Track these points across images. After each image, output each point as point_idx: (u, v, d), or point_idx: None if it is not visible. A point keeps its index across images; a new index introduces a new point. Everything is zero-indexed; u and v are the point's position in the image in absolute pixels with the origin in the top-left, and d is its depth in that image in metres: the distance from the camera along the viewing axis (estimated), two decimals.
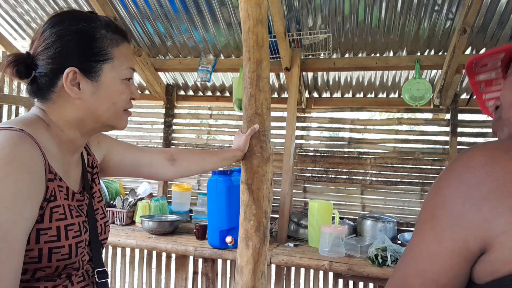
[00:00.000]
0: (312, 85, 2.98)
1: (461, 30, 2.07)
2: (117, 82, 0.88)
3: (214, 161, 1.42)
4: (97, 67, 0.85)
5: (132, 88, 0.93)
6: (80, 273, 0.87)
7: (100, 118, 0.89)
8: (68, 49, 0.83)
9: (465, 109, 2.74)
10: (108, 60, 0.87)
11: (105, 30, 0.87)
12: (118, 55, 0.89)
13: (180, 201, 2.98)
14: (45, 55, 0.83)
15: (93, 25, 0.86)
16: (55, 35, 0.83)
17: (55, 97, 0.85)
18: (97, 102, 0.87)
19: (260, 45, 1.40)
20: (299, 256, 2.20)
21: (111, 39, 0.88)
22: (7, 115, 2.98)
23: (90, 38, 0.85)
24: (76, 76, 0.83)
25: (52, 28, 0.84)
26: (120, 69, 0.89)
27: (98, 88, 0.86)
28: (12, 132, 0.74)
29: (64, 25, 0.83)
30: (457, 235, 0.52)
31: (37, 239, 0.76)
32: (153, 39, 2.85)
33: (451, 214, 0.53)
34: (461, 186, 0.53)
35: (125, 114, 0.94)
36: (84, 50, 0.84)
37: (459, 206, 0.52)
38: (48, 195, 0.78)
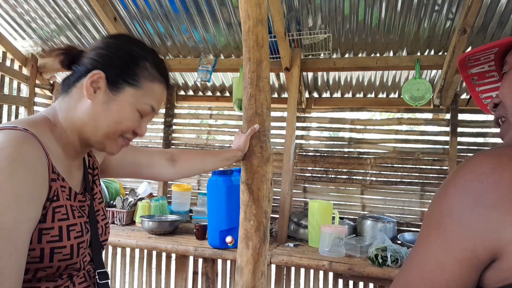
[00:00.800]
0: (312, 85, 2.98)
1: (461, 30, 2.07)
2: (130, 108, 0.88)
3: (214, 161, 1.42)
4: (122, 84, 0.87)
5: (142, 124, 0.93)
6: (81, 274, 0.88)
7: (98, 131, 0.88)
8: (107, 58, 0.88)
9: (465, 109, 2.74)
10: (135, 86, 0.88)
11: (150, 64, 0.91)
12: (147, 89, 0.90)
13: (180, 201, 2.98)
14: (89, 55, 0.89)
15: (142, 54, 0.91)
16: (105, 44, 0.90)
17: (74, 91, 0.89)
18: (103, 112, 0.87)
19: (260, 45, 1.40)
20: (299, 256, 2.20)
21: (150, 73, 0.91)
22: (7, 115, 2.98)
23: (132, 61, 0.89)
24: (99, 81, 0.86)
25: (107, 39, 0.92)
26: (141, 100, 0.89)
27: (111, 102, 0.87)
28: (16, 132, 0.75)
29: (118, 40, 0.91)
30: (466, 244, 0.51)
31: (39, 239, 0.76)
32: (153, 39, 2.85)
33: (459, 223, 0.52)
34: (468, 194, 0.52)
35: (121, 140, 0.92)
36: (120, 66, 0.88)
37: (467, 215, 0.51)
38: (51, 195, 0.78)
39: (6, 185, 0.68)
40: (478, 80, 0.79)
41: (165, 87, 0.94)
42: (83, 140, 0.89)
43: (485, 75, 0.78)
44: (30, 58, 3.11)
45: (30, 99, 3.13)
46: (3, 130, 0.74)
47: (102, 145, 0.90)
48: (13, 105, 3.02)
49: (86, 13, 2.70)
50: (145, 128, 0.94)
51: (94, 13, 2.63)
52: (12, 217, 0.68)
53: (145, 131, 0.94)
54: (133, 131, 0.92)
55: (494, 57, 0.72)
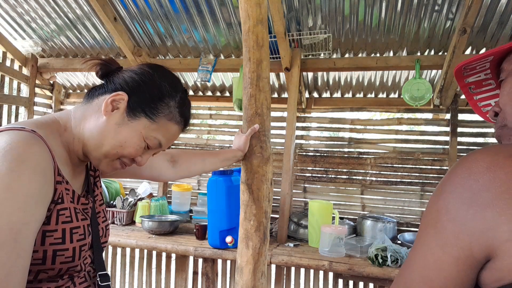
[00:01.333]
0: (312, 85, 2.98)
1: (461, 30, 2.08)
2: (138, 137, 0.90)
3: (214, 162, 1.42)
4: (140, 113, 0.89)
5: (144, 155, 0.94)
6: (82, 275, 0.88)
7: (101, 148, 0.88)
8: (137, 84, 0.90)
9: (465, 109, 2.74)
10: (151, 119, 0.90)
11: (175, 104, 0.93)
12: (162, 125, 0.92)
13: (180, 201, 2.98)
14: (124, 75, 0.92)
15: (171, 92, 0.94)
16: (142, 71, 0.93)
17: (94, 103, 0.90)
18: (112, 132, 0.88)
19: (260, 45, 1.40)
20: (299, 256, 2.20)
21: (171, 112, 0.93)
22: (7, 115, 2.98)
23: (158, 96, 0.91)
24: (120, 102, 0.88)
25: (146, 67, 0.94)
26: (151, 133, 0.91)
27: (123, 125, 0.88)
28: (25, 133, 0.75)
29: (154, 71, 0.93)
30: (462, 242, 0.51)
31: (43, 241, 0.76)
32: (153, 39, 2.85)
33: (455, 220, 0.52)
34: (464, 192, 0.52)
35: (118, 163, 0.92)
36: (145, 96, 0.90)
37: (463, 212, 0.51)
38: (55, 197, 0.78)
39: (16, 186, 0.68)
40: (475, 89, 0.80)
41: (181, 128, 0.97)
42: (85, 152, 0.90)
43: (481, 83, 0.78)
44: (30, 58, 3.11)
45: (30, 99, 3.13)
46: (11, 131, 0.75)
47: (98, 162, 0.91)
48: (13, 105, 3.02)
49: (86, 13, 2.70)
50: (146, 160, 0.95)
51: (94, 13, 2.63)
52: (21, 218, 0.68)
53: (145, 162, 0.95)
54: (133, 159, 0.93)
55: (489, 65, 0.72)
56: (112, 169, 0.93)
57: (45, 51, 3.18)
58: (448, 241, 0.52)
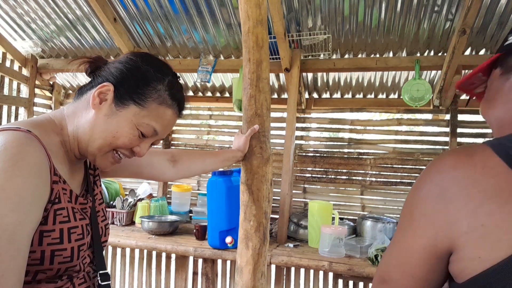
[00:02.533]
0: (312, 85, 2.98)
1: (460, 31, 2.08)
2: (130, 125, 0.88)
3: (214, 162, 1.42)
4: (127, 101, 0.88)
5: (142, 144, 0.91)
6: (81, 275, 0.88)
7: (94, 142, 0.87)
8: (122, 73, 0.89)
9: (464, 109, 2.74)
10: (139, 105, 0.88)
11: (163, 87, 0.91)
12: (152, 110, 0.89)
13: (180, 201, 2.98)
14: (109, 67, 0.91)
15: (156, 76, 0.91)
16: (126, 59, 0.91)
17: (83, 99, 0.90)
18: (103, 124, 0.87)
19: (260, 46, 1.40)
20: (299, 256, 2.20)
21: (160, 95, 0.90)
22: (7, 115, 2.98)
23: (143, 80, 0.89)
24: (107, 94, 0.87)
25: (131, 55, 0.93)
26: (142, 120, 0.88)
27: (112, 116, 0.87)
28: (19, 133, 0.75)
29: (137, 58, 0.91)
30: (428, 232, 0.57)
31: (40, 241, 0.76)
32: (153, 39, 2.85)
33: (425, 213, 0.58)
34: (432, 188, 0.58)
35: (112, 155, 0.91)
36: (130, 83, 0.88)
37: (431, 206, 0.57)
38: (52, 197, 0.78)
39: (9, 186, 0.68)
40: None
41: (174, 112, 0.93)
42: (81, 149, 0.90)
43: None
44: (30, 58, 3.11)
45: (30, 100, 3.13)
46: (6, 131, 0.74)
47: (93, 157, 0.90)
48: (12, 105, 3.02)
49: (86, 14, 2.70)
50: (145, 149, 0.93)
51: (94, 14, 2.63)
52: (14, 219, 0.67)
53: (144, 152, 0.93)
54: (132, 150, 0.91)
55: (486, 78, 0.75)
56: (108, 164, 0.91)
57: (45, 52, 3.18)
58: (418, 231, 0.59)
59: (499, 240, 0.49)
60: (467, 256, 0.53)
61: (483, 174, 0.53)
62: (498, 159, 0.53)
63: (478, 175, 0.53)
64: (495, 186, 0.51)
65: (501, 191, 0.51)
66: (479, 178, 0.53)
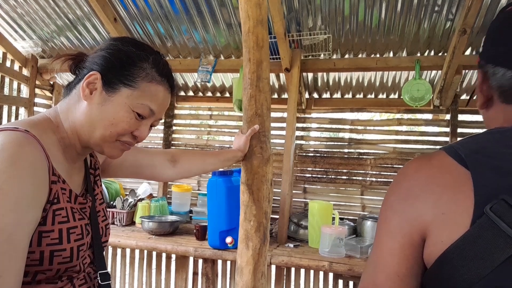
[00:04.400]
0: (312, 85, 2.98)
1: (461, 31, 2.08)
2: (125, 109, 0.86)
3: (214, 162, 1.42)
4: (117, 85, 0.86)
5: (141, 127, 0.90)
6: (81, 276, 0.87)
7: (94, 132, 0.86)
8: (105, 59, 0.88)
9: (465, 109, 2.74)
10: (130, 87, 0.86)
11: (149, 65, 0.89)
12: (143, 89, 0.87)
13: (180, 201, 2.98)
14: (91, 57, 0.90)
15: (140, 55, 0.89)
16: (105, 45, 0.91)
17: (73, 93, 0.90)
18: (99, 114, 0.86)
19: (260, 46, 1.40)
20: (299, 256, 2.20)
21: (148, 73, 0.88)
22: (7, 115, 2.98)
23: (128, 61, 0.88)
24: (96, 82, 0.86)
25: (109, 41, 0.92)
26: (136, 100, 0.87)
27: (106, 103, 0.86)
28: (17, 133, 0.74)
29: (117, 41, 0.91)
30: (404, 230, 0.63)
31: (39, 242, 0.75)
32: (153, 39, 2.85)
33: (397, 213, 0.65)
34: (401, 190, 0.66)
35: (120, 144, 0.90)
36: (116, 67, 0.87)
37: (401, 206, 0.64)
38: (51, 198, 0.78)
39: (7, 187, 0.68)
40: None
41: (166, 88, 0.91)
42: (83, 142, 0.89)
43: None
44: (30, 59, 3.11)
45: (30, 100, 3.13)
46: (4, 131, 0.74)
47: (100, 148, 0.89)
48: (13, 105, 3.02)
49: (86, 14, 2.70)
50: (145, 131, 0.91)
51: (94, 14, 2.63)
52: (12, 220, 0.67)
53: (145, 135, 0.91)
54: (133, 134, 0.90)
55: None
56: (118, 152, 0.91)
57: (45, 52, 3.18)
58: (394, 231, 0.64)
59: (455, 223, 0.58)
60: (432, 241, 0.60)
61: (440, 172, 0.62)
62: (450, 159, 0.62)
63: (437, 173, 0.62)
64: (450, 180, 0.60)
65: (455, 183, 0.60)
66: (437, 176, 0.62)
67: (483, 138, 0.66)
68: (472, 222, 0.56)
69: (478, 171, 0.58)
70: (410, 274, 0.62)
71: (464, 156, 0.61)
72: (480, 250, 0.55)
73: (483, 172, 0.58)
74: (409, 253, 0.62)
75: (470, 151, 0.61)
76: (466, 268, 0.56)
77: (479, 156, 0.60)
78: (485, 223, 0.55)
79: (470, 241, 0.56)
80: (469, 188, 0.58)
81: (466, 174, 0.59)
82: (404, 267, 0.63)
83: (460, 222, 0.57)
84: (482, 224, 0.55)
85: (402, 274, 0.62)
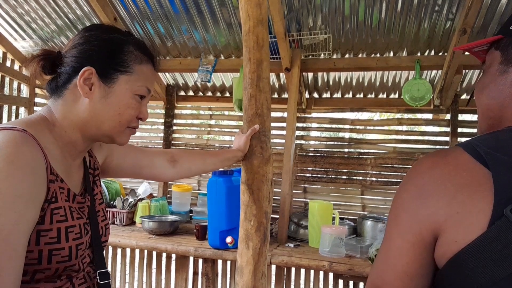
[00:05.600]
0: (312, 85, 2.98)
1: (461, 31, 2.07)
2: (129, 95, 0.89)
3: (214, 162, 1.42)
4: (114, 74, 0.87)
5: (142, 108, 0.93)
6: (81, 275, 0.87)
7: (103, 126, 0.88)
8: (92, 52, 0.86)
9: (465, 109, 2.74)
10: (127, 72, 0.88)
11: (134, 47, 0.91)
12: (138, 71, 0.90)
13: (180, 201, 2.98)
14: (70, 53, 0.87)
15: (124, 39, 0.91)
16: (85, 38, 0.88)
17: (67, 94, 0.88)
18: (104, 107, 0.87)
19: (260, 46, 1.40)
20: (299, 256, 2.20)
21: (136, 56, 0.90)
22: (7, 115, 2.98)
23: (116, 48, 0.88)
24: (91, 77, 0.85)
25: (84, 33, 0.89)
26: (135, 84, 0.89)
27: (109, 94, 0.87)
28: (15, 132, 0.74)
29: (96, 32, 0.89)
30: (414, 229, 0.61)
31: (37, 241, 0.75)
32: (154, 39, 2.85)
33: (408, 212, 0.63)
34: (413, 188, 0.64)
35: (129, 131, 0.93)
36: (107, 56, 0.87)
37: (413, 204, 0.63)
38: (49, 197, 0.78)
39: (4, 186, 0.68)
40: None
41: (152, 66, 0.95)
42: (88, 136, 0.90)
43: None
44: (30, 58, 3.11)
45: (30, 100, 3.13)
46: (1, 131, 0.74)
47: (109, 138, 0.91)
48: (13, 105, 3.02)
49: (86, 14, 2.70)
50: (146, 111, 0.94)
51: (95, 14, 2.63)
52: (10, 219, 0.67)
53: (147, 115, 0.94)
54: (137, 118, 0.92)
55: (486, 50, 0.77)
56: (127, 138, 0.94)
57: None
58: (404, 229, 0.63)
59: (470, 224, 0.56)
60: (445, 241, 0.58)
61: (456, 170, 0.60)
62: (468, 156, 0.60)
63: (452, 171, 0.60)
64: (466, 178, 0.58)
65: (471, 182, 0.57)
66: (452, 174, 0.60)
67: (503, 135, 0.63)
68: (490, 223, 0.54)
69: (499, 171, 0.56)
70: (419, 274, 0.61)
71: (483, 154, 0.58)
72: (497, 253, 0.53)
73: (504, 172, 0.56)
74: (419, 253, 0.61)
75: (490, 149, 0.59)
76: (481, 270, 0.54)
77: (500, 155, 0.57)
78: (504, 225, 0.53)
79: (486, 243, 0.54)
80: (488, 188, 0.56)
81: (485, 174, 0.57)
82: (414, 266, 0.61)
83: (476, 222, 0.55)
84: (501, 226, 0.53)
85: (411, 273, 0.61)
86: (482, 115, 0.76)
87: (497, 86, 0.70)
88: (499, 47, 0.71)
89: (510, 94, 0.67)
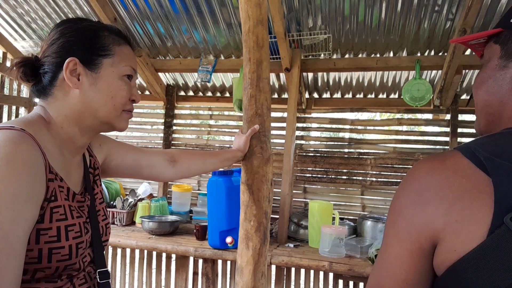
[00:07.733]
0: (312, 85, 2.98)
1: (461, 31, 2.07)
2: (116, 77, 0.90)
3: (214, 162, 1.42)
4: (98, 60, 0.88)
5: (133, 89, 0.93)
6: (81, 275, 0.87)
7: (98, 113, 0.88)
8: (70, 43, 0.87)
9: (465, 109, 2.74)
10: (109, 56, 0.89)
11: (108, 32, 0.92)
12: (119, 53, 0.91)
13: (180, 201, 2.98)
14: (49, 51, 0.87)
15: (97, 25, 0.92)
16: (59, 32, 0.88)
17: (56, 91, 0.88)
18: (95, 94, 0.87)
19: (260, 46, 1.40)
20: (299, 256, 2.20)
21: (113, 38, 0.91)
22: (7, 115, 2.98)
23: (93, 34, 0.89)
24: (76, 68, 0.86)
25: (57, 28, 0.90)
26: (120, 65, 0.90)
27: (97, 80, 0.88)
28: (13, 132, 0.74)
29: (68, 24, 0.90)
30: (413, 236, 0.60)
31: (37, 240, 0.76)
32: (153, 39, 2.85)
33: (406, 218, 0.61)
34: (411, 194, 0.62)
35: (126, 114, 0.94)
36: (86, 44, 0.88)
37: (411, 211, 0.61)
38: (48, 195, 0.78)
39: (3, 185, 0.68)
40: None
41: (129, 46, 0.96)
42: (86, 128, 0.90)
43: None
44: None
45: (30, 100, 3.13)
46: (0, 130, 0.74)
47: (108, 125, 0.92)
48: (13, 105, 3.02)
49: (86, 14, 2.70)
50: (137, 92, 0.95)
51: (94, 14, 2.63)
52: (9, 218, 0.67)
53: (139, 96, 0.95)
54: (130, 100, 0.93)
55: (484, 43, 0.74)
56: (126, 123, 0.95)
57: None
58: (403, 237, 0.61)
59: (470, 232, 0.54)
60: (444, 250, 0.57)
61: (455, 176, 0.58)
62: (467, 161, 0.58)
63: (451, 177, 0.58)
64: (466, 185, 0.56)
65: (471, 189, 0.56)
66: (451, 180, 0.58)
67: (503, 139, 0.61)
68: (489, 232, 0.53)
69: (500, 178, 0.54)
70: (418, 281, 0.60)
71: (483, 159, 0.56)
72: (497, 262, 0.52)
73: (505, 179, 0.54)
74: (418, 260, 0.60)
75: (490, 154, 0.57)
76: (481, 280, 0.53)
77: (500, 161, 0.55)
78: (504, 234, 0.52)
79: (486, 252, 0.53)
80: (488, 195, 0.54)
81: (485, 180, 0.55)
82: (413, 274, 0.60)
83: (476, 231, 0.54)
84: (501, 235, 0.52)
85: (410, 281, 0.60)
86: (480, 111, 0.74)
87: (496, 81, 0.68)
88: (499, 41, 0.68)
89: (509, 90, 0.65)
